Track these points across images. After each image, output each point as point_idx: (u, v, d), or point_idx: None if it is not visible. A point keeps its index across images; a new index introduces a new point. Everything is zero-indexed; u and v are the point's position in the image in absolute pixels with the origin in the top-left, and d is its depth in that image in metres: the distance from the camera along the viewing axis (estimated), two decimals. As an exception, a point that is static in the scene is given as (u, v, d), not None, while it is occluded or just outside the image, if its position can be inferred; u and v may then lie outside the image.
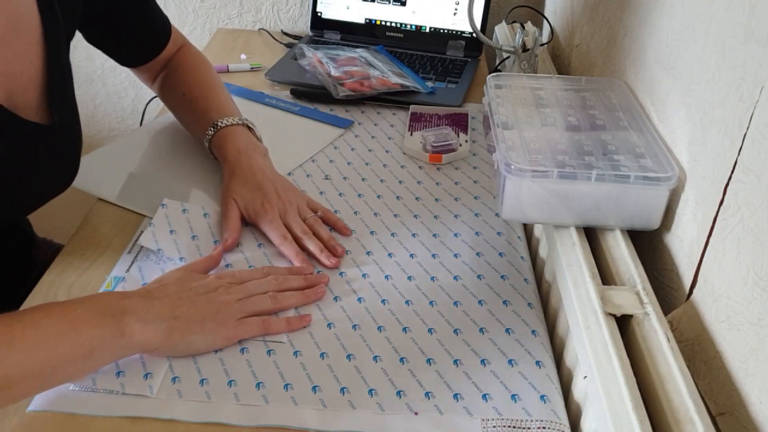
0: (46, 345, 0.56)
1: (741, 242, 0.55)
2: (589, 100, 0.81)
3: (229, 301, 0.67)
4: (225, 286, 0.69)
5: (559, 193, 0.67)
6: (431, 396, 0.62)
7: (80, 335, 0.58)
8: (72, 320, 0.58)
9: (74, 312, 0.59)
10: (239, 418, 0.59)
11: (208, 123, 0.89)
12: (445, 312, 0.71)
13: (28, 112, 0.72)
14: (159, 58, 0.96)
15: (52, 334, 0.57)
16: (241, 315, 0.67)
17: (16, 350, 0.55)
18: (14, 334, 0.56)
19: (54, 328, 0.57)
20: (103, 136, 1.69)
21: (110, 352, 0.61)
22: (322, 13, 1.36)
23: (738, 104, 0.57)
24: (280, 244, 0.78)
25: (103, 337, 0.59)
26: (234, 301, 0.67)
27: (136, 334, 0.61)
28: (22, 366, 0.55)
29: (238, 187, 0.82)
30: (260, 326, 0.67)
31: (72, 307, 0.60)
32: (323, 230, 0.81)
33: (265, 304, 0.69)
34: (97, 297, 0.63)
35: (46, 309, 0.59)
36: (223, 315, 0.66)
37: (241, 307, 0.67)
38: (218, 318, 0.65)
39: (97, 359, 0.60)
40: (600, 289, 0.62)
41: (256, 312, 0.68)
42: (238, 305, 0.67)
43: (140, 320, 0.61)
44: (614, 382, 0.53)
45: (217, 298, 0.67)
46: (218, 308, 0.66)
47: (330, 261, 0.77)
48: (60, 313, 0.59)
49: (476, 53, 1.31)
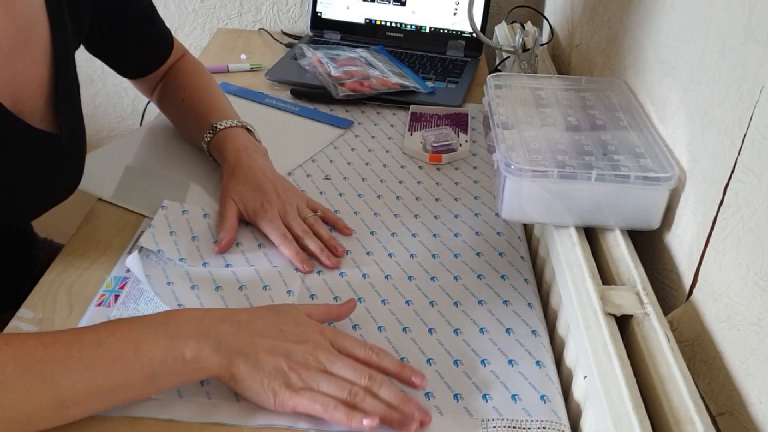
0: (102, 367, 0.54)
1: (741, 242, 0.55)
2: (589, 100, 0.81)
3: (308, 365, 0.59)
4: (317, 345, 0.60)
5: (559, 193, 0.67)
6: (431, 396, 0.62)
7: (141, 358, 0.55)
8: (135, 341, 0.56)
9: (141, 331, 0.57)
10: (239, 418, 0.59)
11: (206, 126, 0.89)
12: (445, 312, 0.71)
13: (35, 121, 0.72)
14: (160, 70, 0.96)
15: (111, 357, 0.55)
16: (310, 386, 0.58)
17: (70, 372, 0.53)
18: (71, 354, 0.54)
19: (113, 349, 0.55)
20: (103, 136, 1.69)
21: (172, 377, 0.57)
22: (322, 13, 1.36)
23: (738, 104, 0.57)
24: (280, 243, 0.78)
25: (166, 362, 0.56)
26: (313, 367, 0.59)
27: (203, 360, 0.57)
28: (74, 387, 0.53)
29: (237, 187, 0.82)
30: (320, 409, 0.57)
31: (140, 325, 0.57)
32: (323, 230, 0.81)
33: (343, 392, 0.58)
34: (171, 315, 0.60)
35: (111, 326, 0.57)
36: (291, 378, 0.58)
37: (315, 378, 0.58)
38: (284, 380, 0.58)
39: (159, 384, 0.57)
40: (600, 289, 0.62)
41: (328, 393, 0.58)
42: (313, 374, 0.58)
43: (211, 347, 0.57)
44: (614, 382, 0.53)
45: (297, 356, 0.59)
46: (293, 366, 0.58)
47: (330, 261, 0.76)
48: (125, 330, 0.57)
49: (476, 53, 1.31)
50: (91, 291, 0.72)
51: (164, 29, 0.95)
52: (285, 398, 0.57)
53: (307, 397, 0.57)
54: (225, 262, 0.77)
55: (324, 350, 0.60)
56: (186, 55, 1.00)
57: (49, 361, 0.53)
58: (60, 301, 0.71)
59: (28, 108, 0.71)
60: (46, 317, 0.68)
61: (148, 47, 0.94)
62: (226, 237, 0.78)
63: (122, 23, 0.87)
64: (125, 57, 0.92)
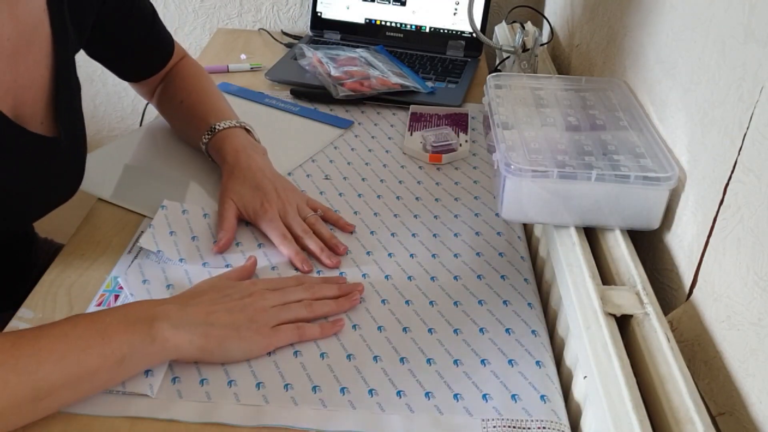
0: (73, 355, 0.56)
1: (741, 242, 0.55)
2: (589, 100, 0.81)
3: (264, 307, 0.66)
4: (260, 293, 0.68)
5: (559, 193, 0.67)
6: (431, 396, 0.62)
7: (110, 343, 0.57)
8: (101, 329, 0.58)
9: (103, 321, 0.59)
10: (239, 418, 0.59)
11: (205, 127, 0.89)
12: (445, 312, 0.71)
13: (34, 124, 0.72)
14: (160, 73, 0.96)
15: (80, 345, 0.57)
16: (276, 322, 0.66)
17: (43, 363, 0.55)
18: (40, 346, 0.55)
19: (82, 338, 0.57)
20: (103, 136, 1.69)
21: (143, 358, 0.60)
22: (322, 13, 1.36)
23: (738, 104, 0.57)
24: (279, 243, 0.78)
25: (134, 343, 0.58)
26: (269, 308, 0.66)
27: (169, 339, 0.60)
28: (50, 378, 0.55)
29: (236, 187, 0.82)
30: (295, 333, 0.66)
31: (101, 316, 0.60)
32: (324, 229, 0.81)
33: (300, 311, 0.68)
34: (129, 305, 0.63)
35: (74, 320, 0.59)
36: (258, 322, 0.65)
37: (276, 314, 0.66)
38: (254, 326, 0.64)
39: (130, 366, 0.59)
40: (600, 289, 0.62)
41: (291, 320, 0.67)
42: (273, 312, 0.66)
43: (173, 326, 0.60)
44: (614, 382, 0.53)
45: (253, 305, 0.66)
46: (253, 315, 0.65)
47: (331, 260, 0.77)
48: (89, 322, 0.59)
49: (476, 53, 1.31)
50: (91, 291, 0.72)
51: (165, 33, 0.95)
52: (264, 342, 0.65)
53: (282, 331, 0.66)
54: (225, 262, 0.77)
55: (267, 293, 0.68)
56: (186, 58, 1.00)
57: (20, 354, 0.55)
58: (60, 301, 0.71)
59: (29, 111, 0.71)
60: (46, 317, 0.68)
61: (148, 51, 0.94)
62: (224, 237, 0.78)
63: (123, 27, 0.87)
64: (125, 60, 0.92)
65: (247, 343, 0.64)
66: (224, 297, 0.66)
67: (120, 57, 0.91)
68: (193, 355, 0.62)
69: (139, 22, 0.89)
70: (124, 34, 0.87)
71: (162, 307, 0.62)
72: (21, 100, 0.70)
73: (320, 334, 0.67)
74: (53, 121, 0.75)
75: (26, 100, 0.71)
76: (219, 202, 0.83)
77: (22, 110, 0.70)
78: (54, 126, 0.75)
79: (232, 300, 0.66)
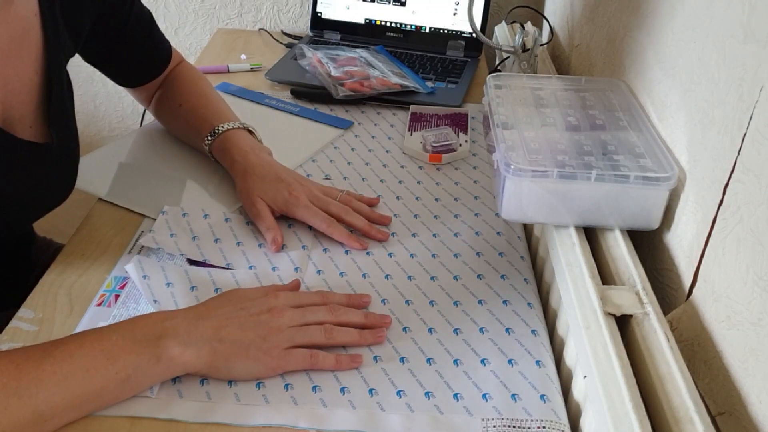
0: (76, 377, 0.55)
1: (741, 242, 0.55)
2: (588, 100, 0.81)
3: (280, 327, 0.63)
4: (279, 310, 0.64)
5: (559, 193, 0.67)
6: (431, 396, 0.62)
7: (114, 364, 0.57)
8: (106, 349, 0.57)
9: (109, 339, 0.58)
10: (239, 418, 0.59)
11: (207, 129, 0.88)
12: (445, 312, 0.71)
13: (24, 129, 0.72)
14: (157, 79, 0.96)
15: (84, 366, 0.56)
16: (289, 344, 0.63)
17: (45, 385, 0.54)
18: (44, 368, 0.55)
19: (86, 359, 0.56)
20: (103, 136, 1.69)
21: (148, 377, 0.59)
22: (322, 14, 1.36)
23: (738, 104, 0.57)
24: (326, 227, 0.78)
25: (139, 364, 0.57)
26: (285, 328, 0.63)
27: (176, 358, 0.59)
28: (52, 400, 0.54)
29: (257, 185, 0.82)
30: (308, 361, 0.63)
31: (108, 334, 0.59)
32: (361, 205, 0.81)
33: (318, 337, 0.64)
34: (136, 321, 0.61)
35: (80, 338, 0.58)
36: (270, 342, 0.62)
37: (291, 335, 0.63)
38: (265, 345, 0.62)
39: (135, 385, 0.58)
40: (600, 288, 0.62)
41: (306, 344, 0.64)
42: (288, 333, 0.63)
43: (180, 343, 0.59)
44: (614, 382, 0.53)
45: (268, 323, 0.63)
46: (267, 334, 0.62)
47: (382, 233, 0.78)
48: (95, 341, 0.58)
49: (476, 53, 1.31)
50: (91, 291, 0.72)
51: (162, 39, 0.95)
52: (273, 364, 0.62)
53: (293, 355, 0.62)
54: (226, 261, 0.77)
55: (286, 310, 0.65)
56: (183, 62, 1.00)
57: (23, 377, 0.54)
58: (60, 301, 0.71)
59: (18, 115, 0.71)
60: (46, 317, 0.68)
61: (146, 57, 0.93)
62: (274, 233, 0.78)
63: (121, 33, 0.86)
64: (123, 66, 0.92)
65: (254, 363, 0.61)
66: (240, 311, 0.63)
67: (117, 62, 0.91)
68: (200, 371, 0.61)
69: (137, 27, 0.89)
70: (121, 40, 0.87)
71: (171, 322, 0.61)
72: (10, 104, 0.70)
73: (334, 367, 0.63)
74: (44, 127, 0.74)
75: (16, 104, 0.70)
76: (246, 205, 0.82)
77: (11, 114, 0.70)
78: (45, 131, 0.74)
79: (248, 315, 0.63)
